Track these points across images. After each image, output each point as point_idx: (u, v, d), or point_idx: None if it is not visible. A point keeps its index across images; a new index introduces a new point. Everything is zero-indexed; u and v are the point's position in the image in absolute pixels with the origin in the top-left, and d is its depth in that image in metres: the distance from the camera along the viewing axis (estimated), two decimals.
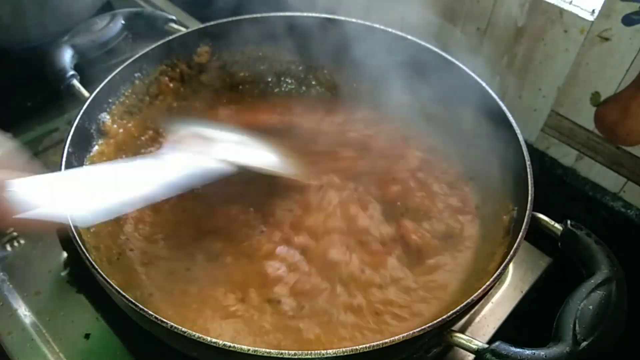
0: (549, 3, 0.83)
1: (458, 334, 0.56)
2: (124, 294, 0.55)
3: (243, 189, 0.79)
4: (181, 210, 0.78)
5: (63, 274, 0.78)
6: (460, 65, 0.80)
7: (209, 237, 0.75)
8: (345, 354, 0.51)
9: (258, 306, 0.68)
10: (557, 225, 0.65)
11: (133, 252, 0.73)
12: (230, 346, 0.51)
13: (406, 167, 0.84)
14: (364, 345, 0.52)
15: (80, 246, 0.59)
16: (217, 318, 0.66)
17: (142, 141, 0.85)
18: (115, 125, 0.80)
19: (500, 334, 0.75)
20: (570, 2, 0.82)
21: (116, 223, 0.75)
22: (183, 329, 0.52)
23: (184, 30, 0.87)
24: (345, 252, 0.73)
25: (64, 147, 0.68)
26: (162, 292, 0.69)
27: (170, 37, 0.85)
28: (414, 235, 0.75)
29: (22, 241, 0.81)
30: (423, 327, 0.53)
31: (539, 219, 0.66)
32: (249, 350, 0.51)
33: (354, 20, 0.87)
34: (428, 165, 0.85)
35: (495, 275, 0.58)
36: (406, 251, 0.74)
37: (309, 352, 0.51)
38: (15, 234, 0.82)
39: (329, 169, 0.83)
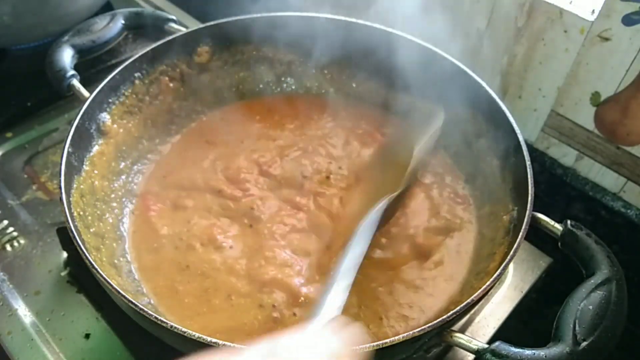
0: (549, 3, 0.82)
1: (458, 334, 0.56)
2: (124, 294, 0.55)
3: None
4: None
5: (63, 274, 0.78)
6: (460, 65, 0.80)
7: None
8: None
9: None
10: (557, 225, 0.65)
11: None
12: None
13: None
14: (364, 346, 0.52)
15: (80, 246, 0.60)
16: (216, 318, 0.67)
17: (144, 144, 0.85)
18: (115, 125, 0.80)
19: (500, 334, 0.75)
20: (570, 2, 0.82)
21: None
22: (183, 329, 0.52)
23: (184, 30, 0.87)
24: None
25: (64, 147, 0.68)
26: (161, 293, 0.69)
27: (170, 37, 0.85)
28: (418, 237, 0.75)
29: (22, 241, 0.81)
30: (423, 327, 0.53)
31: (539, 219, 0.66)
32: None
33: (354, 20, 0.87)
34: (426, 166, 0.85)
35: (495, 275, 0.58)
36: (412, 249, 0.74)
37: None
38: (15, 234, 0.82)
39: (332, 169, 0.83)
